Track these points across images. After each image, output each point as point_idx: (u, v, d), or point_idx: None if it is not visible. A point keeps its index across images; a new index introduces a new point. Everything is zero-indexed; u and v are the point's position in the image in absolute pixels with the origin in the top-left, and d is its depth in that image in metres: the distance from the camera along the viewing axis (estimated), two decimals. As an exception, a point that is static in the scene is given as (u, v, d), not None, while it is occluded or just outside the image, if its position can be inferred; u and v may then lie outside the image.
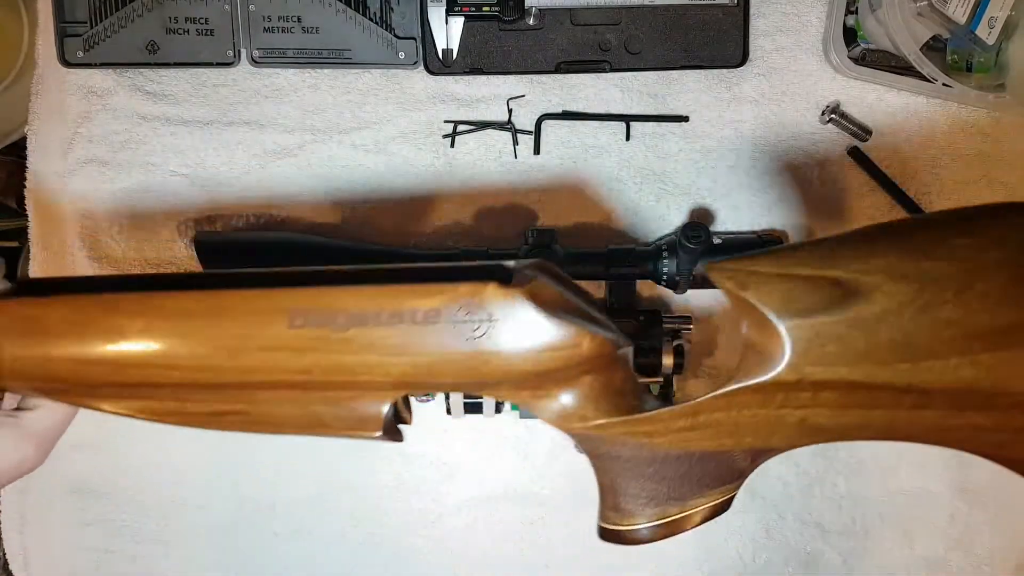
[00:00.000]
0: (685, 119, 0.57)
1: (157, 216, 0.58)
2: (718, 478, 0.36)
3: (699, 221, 0.57)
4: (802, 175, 0.58)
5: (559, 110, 0.57)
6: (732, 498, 0.37)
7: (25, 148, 0.58)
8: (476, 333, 0.34)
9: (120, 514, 0.60)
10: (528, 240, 0.52)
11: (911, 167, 0.58)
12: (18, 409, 0.41)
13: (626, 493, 0.37)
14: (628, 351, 0.38)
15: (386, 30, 0.56)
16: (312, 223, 0.58)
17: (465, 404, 0.54)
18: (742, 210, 0.58)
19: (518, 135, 0.57)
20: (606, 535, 0.39)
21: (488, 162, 0.58)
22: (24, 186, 0.59)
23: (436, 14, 0.55)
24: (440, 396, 0.46)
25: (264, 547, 0.60)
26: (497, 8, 0.54)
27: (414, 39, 0.56)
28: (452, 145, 0.58)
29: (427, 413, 0.58)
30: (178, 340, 0.35)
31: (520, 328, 0.34)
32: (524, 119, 0.58)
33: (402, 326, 0.34)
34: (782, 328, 0.33)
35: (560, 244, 0.53)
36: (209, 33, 0.56)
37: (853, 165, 0.58)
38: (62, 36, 0.56)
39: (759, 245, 0.52)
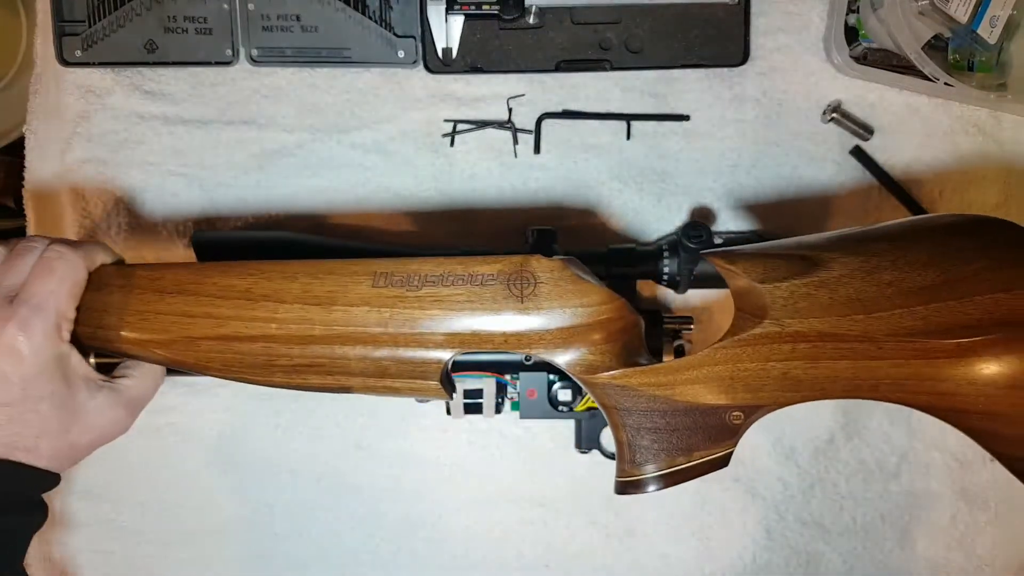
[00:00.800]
0: (686, 118, 0.57)
1: (155, 215, 0.58)
2: (718, 433, 0.42)
3: (700, 220, 0.57)
4: (804, 174, 0.58)
5: (559, 109, 0.57)
6: (730, 454, 0.42)
7: (23, 147, 0.58)
8: (525, 291, 0.42)
9: (120, 515, 0.60)
10: (528, 239, 0.52)
11: (913, 166, 0.58)
12: (114, 377, 0.45)
13: (640, 445, 0.43)
14: (641, 320, 0.45)
15: (385, 29, 0.56)
16: (311, 222, 0.58)
17: (465, 404, 0.54)
18: (743, 209, 0.58)
19: (518, 134, 0.57)
20: (624, 488, 0.43)
21: (488, 161, 0.58)
22: (22, 185, 0.59)
23: (436, 13, 0.55)
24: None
25: (264, 547, 0.60)
26: (497, 7, 0.54)
27: (413, 38, 0.56)
28: (452, 144, 0.57)
29: (427, 414, 0.58)
30: (280, 296, 0.42)
31: (559, 288, 0.42)
32: (524, 118, 0.57)
33: (466, 286, 0.42)
34: (764, 290, 0.41)
35: (559, 244, 0.52)
36: (208, 32, 0.56)
37: (855, 164, 0.58)
38: (60, 35, 0.56)
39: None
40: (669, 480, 0.42)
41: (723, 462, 0.42)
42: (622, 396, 0.43)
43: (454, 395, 0.46)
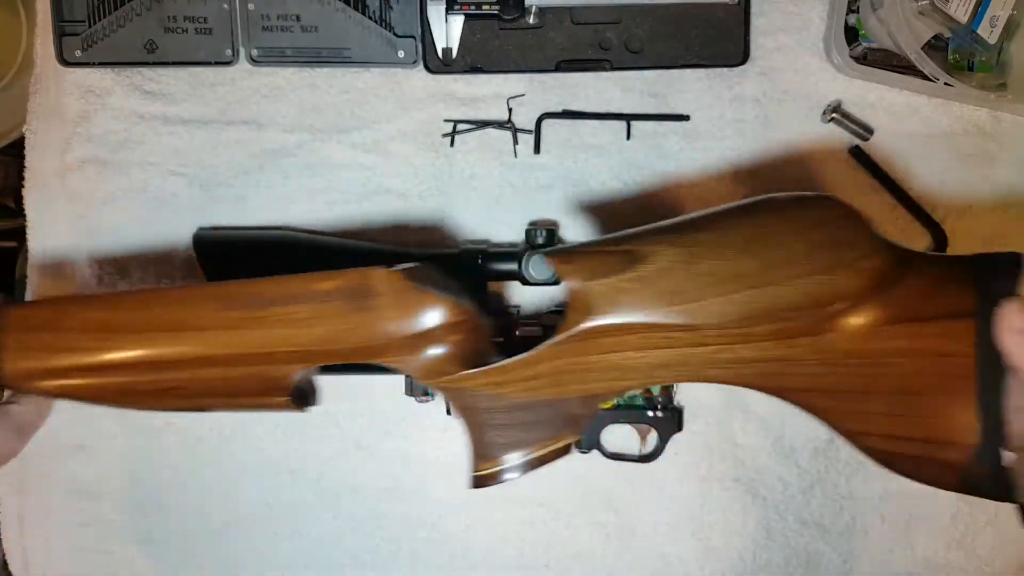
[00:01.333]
0: (686, 118, 0.57)
1: (156, 215, 0.58)
2: (561, 424, 0.45)
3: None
4: (803, 174, 0.58)
5: (559, 109, 0.57)
6: (575, 442, 0.45)
7: (23, 147, 0.58)
8: (365, 304, 0.44)
9: (119, 515, 0.60)
10: (535, 238, 0.52)
11: (913, 166, 0.58)
12: (4, 403, 0.49)
13: (487, 442, 0.45)
14: (487, 322, 0.47)
15: (385, 29, 0.56)
16: (311, 222, 0.58)
17: (465, 404, 0.54)
18: (743, 210, 0.58)
19: (518, 134, 0.57)
20: (477, 482, 0.46)
21: (488, 161, 0.58)
22: (22, 186, 0.59)
23: (436, 12, 0.55)
24: (440, 396, 0.48)
25: (264, 547, 0.60)
26: (497, 6, 0.54)
27: (413, 38, 0.56)
28: (452, 144, 0.57)
29: (427, 413, 0.58)
30: (134, 326, 0.45)
31: (398, 299, 0.44)
32: (524, 118, 0.57)
33: (308, 304, 0.44)
34: (589, 288, 0.43)
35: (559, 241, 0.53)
36: (208, 32, 0.56)
37: (855, 164, 0.58)
38: (60, 35, 0.56)
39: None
40: (517, 471, 0.45)
41: (567, 450, 0.45)
42: (465, 398, 0.45)
43: (309, 408, 0.48)
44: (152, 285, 0.58)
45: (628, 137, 0.57)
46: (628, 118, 0.57)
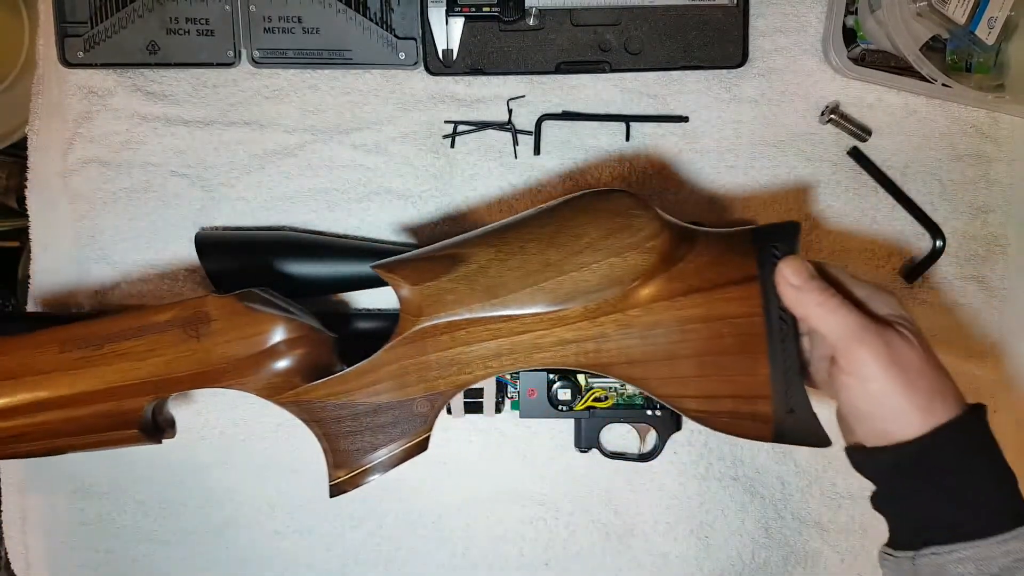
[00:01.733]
0: (685, 119, 0.58)
1: (157, 216, 0.58)
2: (409, 423, 0.47)
3: (698, 221, 0.57)
4: (802, 175, 0.58)
5: (559, 110, 0.58)
6: (427, 439, 0.47)
7: (26, 148, 0.59)
8: (201, 331, 0.46)
9: (120, 514, 0.60)
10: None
11: (911, 167, 0.58)
12: None
13: (340, 450, 0.47)
14: (331, 337, 0.49)
15: (386, 30, 0.56)
16: (312, 222, 0.58)
17: (465, 404, 0.54)
18: (741, 210, 0.58)
19: (518, 135, 0.57)
20: (335, 490, 0.47)
21: (488, 162, 0.58)
22: (25, 186, 0.59)
23: (436, 14, 0.55)
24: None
25: (264, 547, 0.60)
26: (497, 8, 0.55)
27: (414, 39, 0.56)
28: (452, 145, 0.58)
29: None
30: None
31: (232, 322, 0.46)
32: (524, 119, 0.58)
33: (146, 336, 0.46)
34: (416, 291, 0.45)
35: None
36: (209, 33, 0.56)
37: (853, 165, 0.58)
38: (63, 36, 0.56)
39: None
40: (372, 473, 0.47)
41: (422, 447, 0.47)
42: (313, 410, 0.47)
43: (163, 440, 0.50)
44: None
45: (628, 138, 0.57)
46: (627, 119, 0.57)
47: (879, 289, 0.44)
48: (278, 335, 0.46)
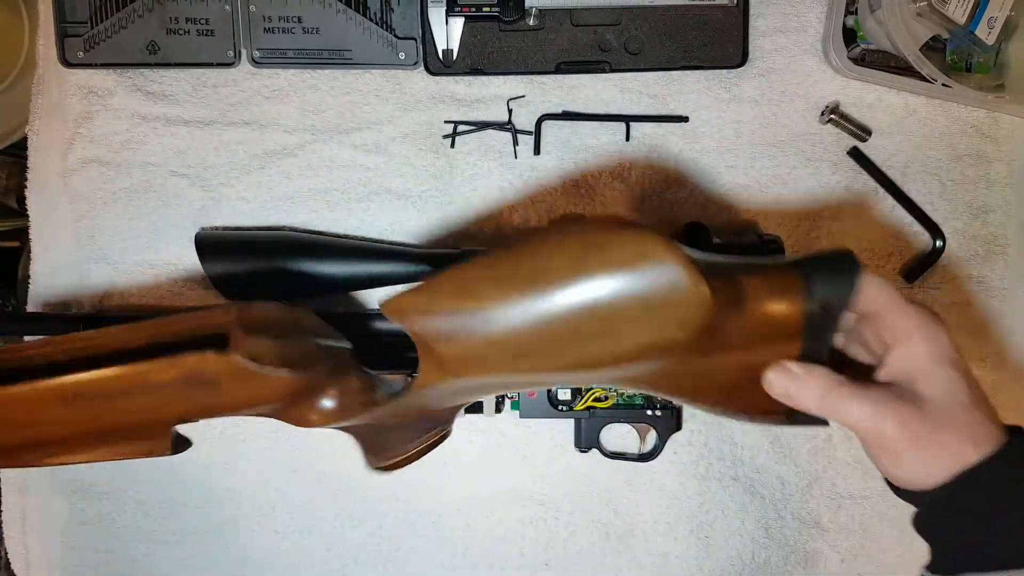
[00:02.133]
0: (685, 119, 0.58)
1: (157, 216, 0.58)
2: (434, 424, 0.49)
3: (699, 221, 0.57)
4: (802, 176, 0.58)
5: (559, 110, 0.58)
6: (449, 432, 0.50)
7: (26, 148, 0.59)
8: (212, 391, 0.42)
9: (120, 514, 0.60)
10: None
11: (911, 167, 0.58)
12: None
13: (372, 446, 0.50)
14: (351, 365, 0.47)
15: (386, 30, 0.56)
16: (312, 222, 0.58)
17: (465, 404, 0.54)
18: (741, 211, 0.58)
19: (518, 135, 0.57)
20: (377, 471, 0.50)
21: (488, 162, 0.58)
22: (25, 186, 0.59)
23: (436, 14, 0.55)
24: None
25: (264, 547, 0.61)
26: (497, 8, 0.55)
27: (414, 39, 0.56)
28: (452, 145, 0.58)
29: (427, 413, 0.58)
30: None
31: (246, 382, 0.42)
32: (524, 119, 0.58)
33: (149, 394, 0.42)
34: (440, 348, 0.41)
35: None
36: (209, 34, 0.56)
37: (853, 166, 0.58)
38: (63, 36, 0.56)
39: (760, 248, 0.52)
40: (405, 462, 0.50)
41: (446, 436, 0.50)
42: (347, 427, 0.49)
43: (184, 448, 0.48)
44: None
45: (628, 138, 0.58)
46: (627, 119, 0.57)
47: (930, 320, 0.42)
48: (299, 385, 0.44)
